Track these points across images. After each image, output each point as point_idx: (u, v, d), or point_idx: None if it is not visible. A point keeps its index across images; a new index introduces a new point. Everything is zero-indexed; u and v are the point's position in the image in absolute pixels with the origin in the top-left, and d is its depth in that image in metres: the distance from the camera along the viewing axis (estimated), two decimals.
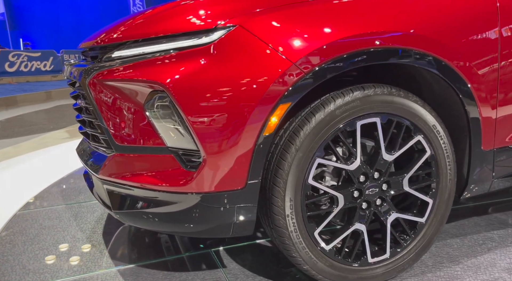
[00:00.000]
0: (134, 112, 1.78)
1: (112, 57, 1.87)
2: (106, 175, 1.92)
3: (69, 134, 6.04)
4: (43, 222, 2.81)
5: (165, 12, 1.86)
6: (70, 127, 6.66)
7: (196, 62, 1.68)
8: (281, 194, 1.77)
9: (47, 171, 4.11)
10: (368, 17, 1.76)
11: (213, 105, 1.65)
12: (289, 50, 1.67)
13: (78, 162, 4.27)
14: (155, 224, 1.90)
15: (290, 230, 1.81)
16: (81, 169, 4.07)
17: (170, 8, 1.87)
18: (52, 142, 5.61)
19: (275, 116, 1.69)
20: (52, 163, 4.48)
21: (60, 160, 4.55)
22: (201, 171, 1.70)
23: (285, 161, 1.75)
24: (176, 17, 1.81)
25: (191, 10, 1.81)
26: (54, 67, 19.23)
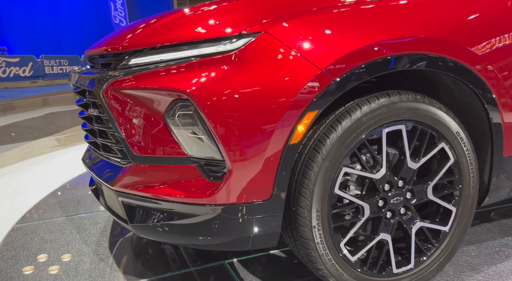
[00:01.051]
0: (153, 122, 1.75)
1: (129, 64, 1.83)
2: (122, 187, 1.88)
3: (58, 143, 5.94)
4: (44, 235, 2.74)
5: (185, 18, 1.83)
6: (58, 135, 6.55)
7: (221, 70, 1.65)
8: (307, 205, 1.74)
9: (41, 181, 4.03)
10: (397, 22, 1.75)
11: (239, 114, 1.62)
12: (317, 56, 1.65)
13: (73, 171, 4.26)
14: (174, 237, 1.87)
15: (317, 242, 1.78)
16: (77, 178, 4.00)
17: (190, 13, 1.84)
18: (39, 150, 5.51)
19: (302, 125, 1.67)
20: (45, 172, 4.40)
21: (53, 169, 4.47)
22: (226, 182, 1.67)
23: (311, 171, 1.72)
24: (198, 23, 1.78)
25: (213, 16, 1.78)
26: (34, 72, 18.98)
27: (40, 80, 19.56)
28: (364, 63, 1.68)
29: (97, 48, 2.17)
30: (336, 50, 1.66)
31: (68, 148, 5.50)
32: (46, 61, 19.83)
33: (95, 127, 2.10)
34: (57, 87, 17.53)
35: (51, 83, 19.90)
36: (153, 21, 1.96)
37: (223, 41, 1.70)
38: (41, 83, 19.63)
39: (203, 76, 1.66)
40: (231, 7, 1.81)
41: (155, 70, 1.74)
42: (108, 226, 2.84)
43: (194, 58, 1.71)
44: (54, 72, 20.39)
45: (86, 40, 27.56)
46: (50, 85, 19.09)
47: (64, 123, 7.72)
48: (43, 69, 19.71)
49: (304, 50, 1.65)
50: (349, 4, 1.78)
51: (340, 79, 1.67)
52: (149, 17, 2.22)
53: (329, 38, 1.68)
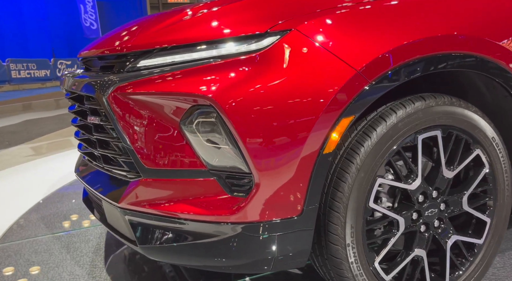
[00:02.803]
0: (167, 130, 1.59)
1: (137, 67, 1.67)
2: (130, 204, 1.72)
3: (33, 151, 5.68)
4: (29, 257, 2.54)
5: (200, 15, 1.68)
6: (32, 143, 6.28)
7: (245, 72, 1.51)
8: (340, 220, 1.61)
9: (19, 195, 3.80)
10: (438, 19, 1.64)
11: (268, 121, 1.48)
12: (352, 56, 1.52)
13: (55, 182, 4.04)
14: (188, 259, 1.72)
15: (351, 261, 1.65)
16: (60, 190, 3.79)
17: (205, 11, 1.69)
18: (13, 160, 5.25)
19: (336, 132, 1.54)
20: (22, 184, 4.16)
21: (32, 181, 4.24)
22: (252, 197, 1.53)
23: (345, 183, 1.59)
24: (215, 21, 1.64)
25: (233, 13, 1.65)
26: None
27: (6, 85, 19.01)
28: (403, 63, 1.56)
29: (95, 49, 2.00)
30: (372, 49, 1.54)
31: (46, 157, 5.26)
32: (13, 65, 19.29)
33: (93, 137, 1.92)
34: (24, 93, 17.06)
35: (18, 88, 19.38)
36: (164, 19, 1.80)
37: (246, 41, 1.56)
38: (7, 88, 19.08)
39: (225, 79, 1.51)
40: (253, 3, 1.67)
41: (169, 73, 1.58)
42: (101, 244, 2.66)
43: (213, 60, 1.56)
44: (21, 76, 19.87)
45: (55, 44, 27.04)
46: (17, 91, 18.58)
47: (38, 131, 7.43)
48: (9, 74, 19.17)
49: (337, 50, 1.52)
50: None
51: (377, 81, 1.55)
52: (149, 16, 2.06)
53: (364, 36, 1.56)
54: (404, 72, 1.58)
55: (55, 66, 22.02)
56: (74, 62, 23.45)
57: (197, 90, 1.51)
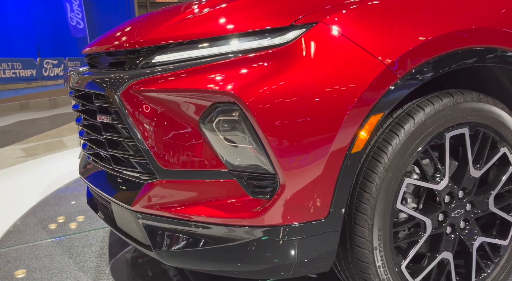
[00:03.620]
0: (186, 130, 1.53)
1: (152, 63, 1.60)
2: (144, 207, 1.64)
3: (24, 153, 5.56)
4: (30, 263, 2.45)
5: (218, 8, 1.62)
6: (22, 144, 6.16)
7: (269, 68, 1.45)
8: (368, 223, 1.55)
9: (14, 198, 3.70)
10: (469, 11, 1.59)
11: (295, 119, 1.41)
12: (382, 50, 1.47)
13: (50, 184, 3.93)
14: (207, 264, 1.66)
15: (378, 265, 1.59)
16: (57, 192, 3.69)
17: (227, 3, 1.62)
18: (3, 162, 5.13)
19: (364, 130, 1.48)
20: (17, 187, 4.06)
21: (26, 183, 4.13)
22: (277, 199, 1.46)
23: (372, 183, 1.53)
24: (235, 14, 1.58)
25: (254, 6, 1.58)
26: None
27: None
28: (434, 57, 1.51)
29: (102, 45, 1.92)
30: (403, 42, 1.48)
31: (38, 159, 5.14)
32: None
33: (101, 137, 1.85)
34: (10, 93, 16.83)
35: (3, 88, 19.10)
36: (174, 14, 1.73)
37: (269, 35, 1.49)
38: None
39: (248, 75, 1.45)
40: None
41: (187, 69, 1.51)
42: (104, 248, 2.58)
43: (233, 55, 1.50)
44: (6, 76, 19.59)
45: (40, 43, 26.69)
46: (3, 91, 18.32)
47: (26, 131, 7.30)
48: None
49: (366, 43, 1.46)
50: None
51: (407, 77, 1.49)
52: (159, 11, 2.00)
53: (394, 29, 1.50)
54: (436, 67, 1.53)
55: (41, 65, 21.74)
56: (60, 61, 23.19)
57: (219, 87, 1.44)
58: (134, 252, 2.53)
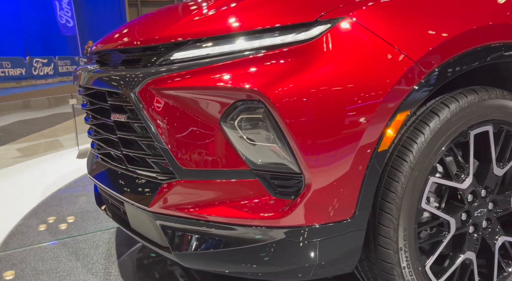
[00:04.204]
0: (206, 128, 1.49)
1: (170, 60, 1.56)
2: (162, 208, 1.61)
3: (20, 153, 5.50)
4: (36, 265, 2.41)
5: (238, 4, 1.58)
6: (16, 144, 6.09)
7: (294, 64, 1.42)
8: (393, 223, 1.53)
9: (13, 199, 3.65)
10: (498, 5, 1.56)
11: (322, 117, 1.39)
12: (410, 45, 1.45)
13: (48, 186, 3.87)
14: (228, 266, 1.63)
15: (403, 266, 1.57)
16: (57, 192, 3.64)
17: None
18: None
19: (391, 128, 1.46)
20: (15, 188, 4.00)
21: (24, 184, 4.08)
22: (303, 199, 1.44)
23: (398, 182, 1.51)
24: (256, 9, 1.55)
25: (275, 1, 1.55)
26: None
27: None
28: (462, 53, 1.48)
29: (114, 42, 1.89)
30: (431, 37, 1.47)
31: (35, 159, 5.08)
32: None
33: (113, 136, 1.81)
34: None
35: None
36: (191, 9, 1.70)
37: (293, 30, 1.46)
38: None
39: (273, 72, 1.42)
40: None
41: (208, 66, 1.48)
42: (111, 249, 2.54)
43: (256, 52, 1.47)
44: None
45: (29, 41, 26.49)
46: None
47: (20, 131, 7.22)
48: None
49: (394, 38, 1.44)
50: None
51: (435, 73, 1.47)
52: (172, 6, 1.96)
53: (422, 24, 1.48)
54: (463, 63, 1.51)
55: (30, 64, 21.55)
56: (50, 60, 23.00)
57: (243, 85, 1.41)
58: (141, 253, 2.50)
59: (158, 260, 2.40)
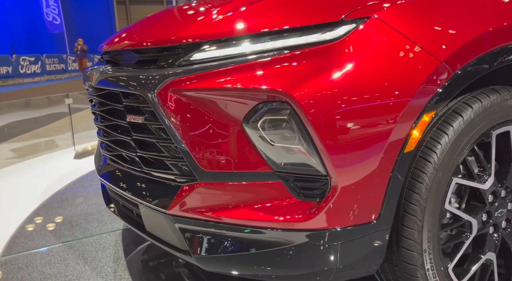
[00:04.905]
0: (228, 130, 1.48)
1: (191, 60, 1.55)
2: (182, 211, 1.60)
3: (13, 154, 5.44)
4: (44, 269, 2.38)
5: (264, 2, 1.57)
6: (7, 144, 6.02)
7: (320, 64, 1.41)
8: (417, 225, 1.52)
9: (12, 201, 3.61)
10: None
11: (349, 118, 1.38)
12: (436, 45, 1.44)
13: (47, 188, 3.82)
14: (250, 269, 1.61)
15: (427, 268, 1.57)
16: (58, 194, 3.60)
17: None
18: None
19: (417, 129, 1.46)
20: (12, 190, 3.95)
21: (21, 186, 4.03)
22: (329, 202, 1.43)
23: (422, 183, 1.51)
24: (283, 8, 1.54)
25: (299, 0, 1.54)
26: None
27: None
28: (488, 52, 1.49)
29: (126, 41, 1.86)
30: (457, 37, 1.46)
31: (30, 159, 5.03)
32: None
33: (128, 138, 1.79)
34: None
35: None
36: (211, 8, 1.68)
37: (318, 30, 1.45)
38: None
39: (298, 73, 1.41)
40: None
41: (229, 67, 1.47)
42: (119, 252, 2.52)
43: (279, 52, 1.46)
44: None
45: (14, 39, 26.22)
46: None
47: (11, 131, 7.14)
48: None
49: (420, 38, 1.44)
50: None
51: (461, 73, 1.47)
52: (189, 4, 1.94)
53: (448, 23, 1.49)
54: (489, 62, 1.51)
55: (17, 62, 21.35)
56: (38, 58, 22.79)
57: (267, 86, 1.40)
58: (150, 254, 2.48)
59: (167, 261, 2.38)
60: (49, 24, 27.69)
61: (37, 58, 22.60)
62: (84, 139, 5.65)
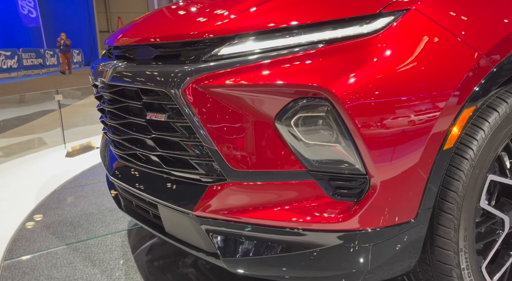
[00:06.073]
0: (260, 128, 1.44)
1: (218, 55, 1.49)
2: (210, 212, 1.55)
3: (2, 153, 5.31)
4: (50, 273, 2.31)
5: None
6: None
7: (358, 59, 1.37)
8: (453, 223, 1.50)
9: (7, 202, 3.51)
10: None
11: (390, 114, 1.34)
12: (477, 38, 1.42)
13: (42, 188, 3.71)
14: (283, 271, 1.57)
15: (462, 268, 1.55)
16: (54, 194, 3.52)
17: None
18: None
19: (457, 126, 1.43)
20: (5, 190, 3.85)
21: (13, 186, 3.93)
22: (368, 201, 1.39)
23: (459, 181, 1.48)
24: (316, 0, 1.49)
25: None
26: None
27: None
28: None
29: (141, 36, 1.80)
30: (498, 29, 1.44)
31: (19, 158, 4.91)
32: None
33: (146, 136, 1.73)
34: None
35: None
36: None
37: (356, 23, 1.41)
38: None
39: (335, 67, 1.36)
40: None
41: (262, 62, 1.42)
42: (128, 253, 2.46)
43: (313, 46, 1.41)
44: None
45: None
46: None
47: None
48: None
49: (460, 31, 1.41)
50: None
51: (501, 66, 1.44)
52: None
53: (488, 15, 1.46)
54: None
55: None
56: (14, 53, 22.33)
57: (305, 81, 1.35)
58: (161, 254, 2.43)
59: (179, 260, 2.33)
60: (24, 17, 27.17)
61: (13, 52, 22.13)
62: (73, 136, 5.54)
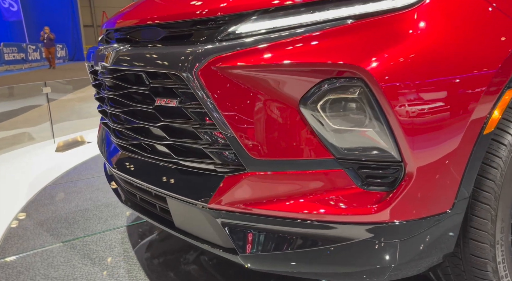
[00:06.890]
0: (284, 112, 1.32)
1: (236, 34, 1.38)
2: (227, 205, 1.43)
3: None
4: (47, 272, 2.18)
5: None
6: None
7: (393, 35, 1.26)
8: (490, 214, 1.40)
9: None
10: None
11: (429, 96, 1.23)
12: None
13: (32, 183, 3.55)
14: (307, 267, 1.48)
15: (498, 261, 1.45)
16: (46, 189, 3.37)
17: None
18: None
19: (498, 109, 1.33)
20: None
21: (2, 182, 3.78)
22: (403, 191, 1.29)
23: (497, 169, 1.38)
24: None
25: None
26: None
27: None
28: None
29: (146, 16, 1.67)
30: None
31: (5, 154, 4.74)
32: None
33: (154, 125, 1.61)
34: None
35: None
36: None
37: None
38: None
39: (369, 45, 1.26)
40: None
41: (286, 40, 1.30)
42: (128, 250, 2.33)
43: (342, 22, 1.30)
44: None
45: None
46: None
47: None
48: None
49: (503, 4, 1.30)
50: None
51: None
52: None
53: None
54: None
55: None
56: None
57: (336, 59, 1.24)
58: (164, 250, 2.31)
59: (183, 257, 2.22)
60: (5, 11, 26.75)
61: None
62: (61, 131, 5.38)
